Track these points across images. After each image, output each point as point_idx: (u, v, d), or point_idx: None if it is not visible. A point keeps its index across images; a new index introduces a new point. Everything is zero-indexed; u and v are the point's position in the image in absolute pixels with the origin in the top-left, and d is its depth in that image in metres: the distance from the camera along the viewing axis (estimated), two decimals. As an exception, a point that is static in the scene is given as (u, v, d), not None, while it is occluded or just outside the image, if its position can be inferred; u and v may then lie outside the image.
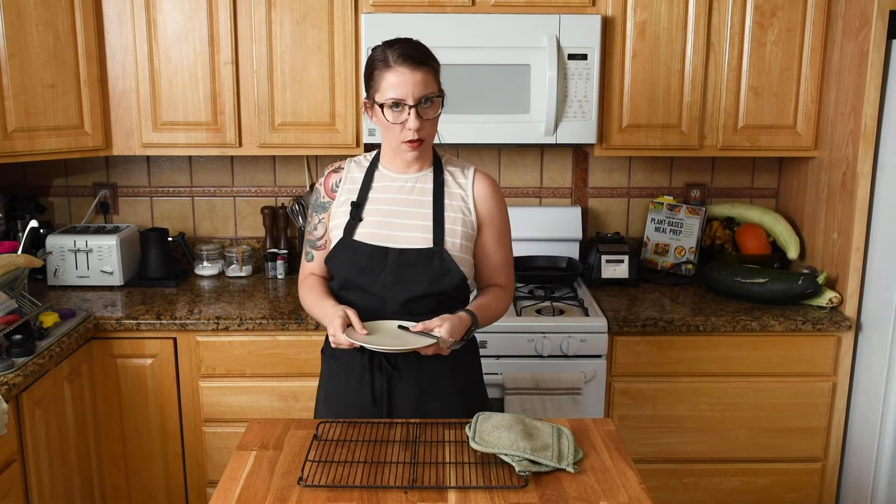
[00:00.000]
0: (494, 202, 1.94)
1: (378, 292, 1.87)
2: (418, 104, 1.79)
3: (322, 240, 1.98)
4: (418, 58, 1.79)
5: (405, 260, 1.86)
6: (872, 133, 2.58)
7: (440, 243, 1.87)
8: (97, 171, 3.21)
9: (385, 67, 1.79)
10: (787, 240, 3.03)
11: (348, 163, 1.98)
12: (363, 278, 1.88)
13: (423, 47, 1.84)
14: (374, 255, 1.86)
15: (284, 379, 2.69)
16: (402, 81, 1.78)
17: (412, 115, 1.79)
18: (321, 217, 1.97)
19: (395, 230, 1.88)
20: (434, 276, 1.87)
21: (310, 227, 2.01)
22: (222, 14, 2.74)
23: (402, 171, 1.92)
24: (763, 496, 2.82)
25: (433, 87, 1.81)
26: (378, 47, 1.84)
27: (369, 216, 1.89)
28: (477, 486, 1.56)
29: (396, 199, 1.90)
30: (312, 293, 1.95)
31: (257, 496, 1.54)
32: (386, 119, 1.81)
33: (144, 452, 2.73)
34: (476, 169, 1.96)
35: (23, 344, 2.25)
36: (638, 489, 1.57)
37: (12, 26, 2.55)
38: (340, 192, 1.94)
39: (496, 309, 1.96)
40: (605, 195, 3.26)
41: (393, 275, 1.86)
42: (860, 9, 2.58)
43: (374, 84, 1.83)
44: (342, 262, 1.90)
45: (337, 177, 1.97)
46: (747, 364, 2.70)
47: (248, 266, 3.12)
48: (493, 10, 2.74)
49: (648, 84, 2.80)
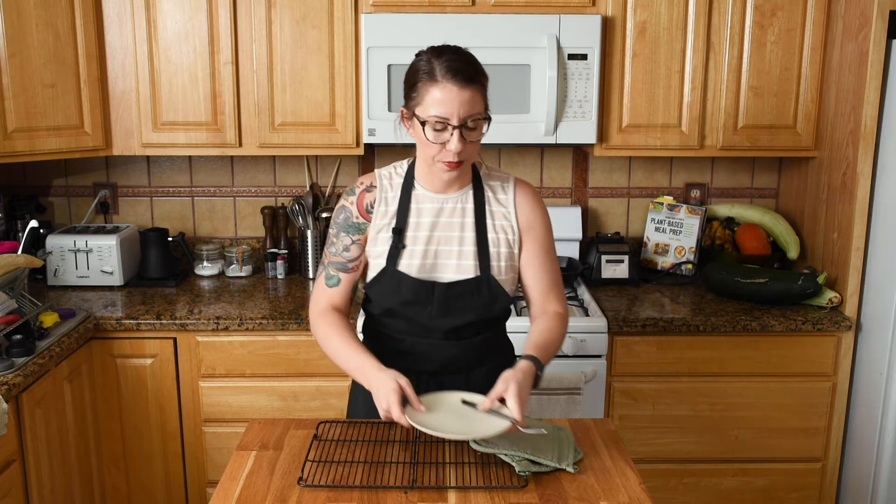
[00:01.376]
0: (535, 212, 1.83)
1: (424, 321, 1.79)
2: (463, 125, 1.64)
3: (356, 262, 1.82)
4: (468, 74, 1.64)
5: (453, 293, 1.77)
6: (872, 133, 2.58)
7: (486, 269, 1.78)
8: (97, 171, 3.21)
9: (430, 81, 1.64)
10: (787, 240, 3.03)
11: (379, 179, 1.83)
12: (408, 309, 1.79)
13: (472, 61, 1.68)
14: (421, 290, 1.76)
15: (284, 379, 2.69)
16: (447, 99, 1.63)
17: (455, 137, 1.64)
18: (355, 238, 1.81)
19: (440, 258, 1.78)
20: (483, 305, 1.79)
21: (337, 247, 1.82)
22: (222, 14, 2.74)
23: (440, 190, 1.79)
24: (763, 496, 2.82)
25: (480, 106, 1.67)
26: (424, 54, 1.70)
27: (412, 244, 1.78)
28: (477, 486, 1.56)
29: (437, 222, 1.79)
30: (342, 341, 1.75)
31: (257, 496, 1.54)
32: (425, 136, 1.67)
33: (144, 452, 2.73)
34: (516, 180, 1.85)
35: (23, 344, 2.25)
36: (638, 489, 1.57)
37: (12, 26, 2.55)
38: (376, 215, 1.80)
39: (558, 344, 1.79)
40: (605, 195, 3.26)
41: (440, 307, 1.77)
42: (860, 9, 2.58)
43: (416, 96, 1.68)
44: (386, 292, 1.79)
45: (371, 196, 1.81)
46: (747, 364, 2.70)
47: (248, 266, 3.12)
48: (493, 10, 2.74)
49: (648, 84, 2.80)
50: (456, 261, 1.78)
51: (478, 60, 1.70)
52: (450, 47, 1.70)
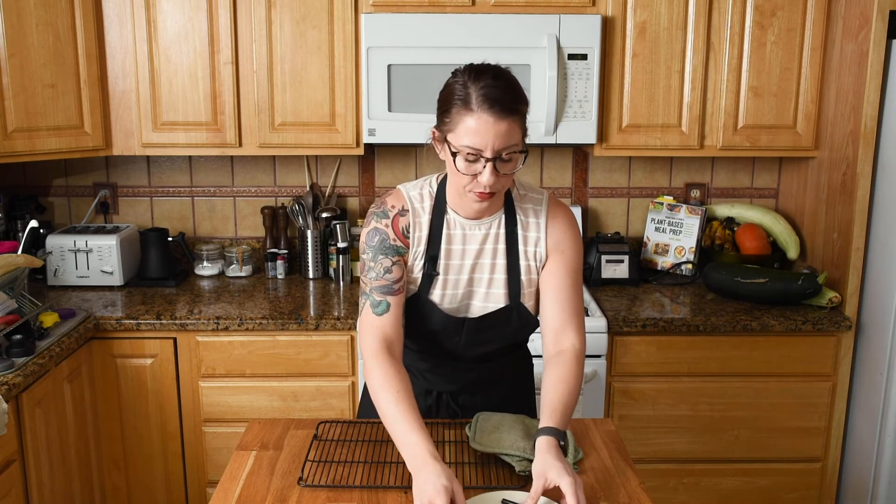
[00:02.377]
0: (566, 234, 1.74)
1: (450, 349, 1.78)
2: (496, 157, 1.54)
3: (400, 283, 1.70)
4: (506, 104, 1.52)
5: (483, 325, 1.75)
6: (872, 133, 2.58)
7: (516, 298, 1.73)
8: (97, 171, 3.21)
9: (465, 108, 1.53)
10: (787, 240, 3.03)
11: (410, 202, 1.73)
12: (436, 337, 1.77)
13: (513, 86, 1.56)
14: (450, 323, 1.74)
15: (284, 379, 2.69)
16: (482, 131, 1.51)
17: (488, 170, 1.54)
18: (395, 259, 1.70)
19: (472, 286, 1.73)
20: (511, 333, 1.77)
21: (377, 271, 1.69)
22: (222, 14, 2.74)
23: (471, 216, 1.71)
24: (763, 496, 2.82)
25: (517, 138, 1.55)
26: (461, 75, 1.57)
27: (444, 272, 1.72)
28: (477, 486, 1.56)
29: (469, 250, 1.72)
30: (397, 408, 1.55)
31: (257, 496, 1.54)
32: (457, 167, 1.57)
33: (144, 452, 2.73)
34: (550, 199, 1.76)
35: (23, 344, 2.25)
36: (638, 489, 1.57)
37: (12, 26, 2.55)
38: (413, 240, 1.72)
39: (576, 398, 1.66)
40: (605, 195, 3.26)
41: (468, 339, 1.76)
42: (860, 9, 2.58)
43: (448, 121, 1.57)
44: (414, 319, 1.76)
45: (405, 220, 1.72)
46: (747, 364, 2.70)
47: (248, 266, 3.12)
48: (493, 10, 2.74)
49: (648, 84, 2.80)
50: (486, 289, 1.74)
51: (519, 85, 1.58)
52: (490, 68, 1.58)
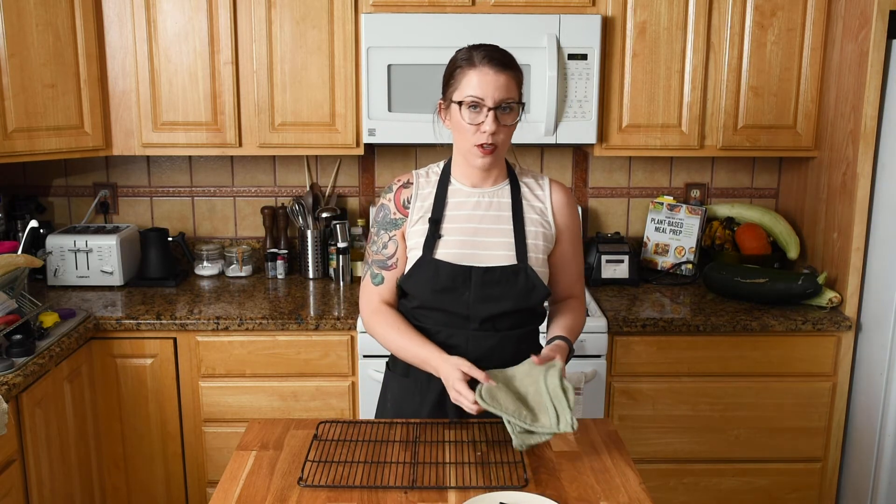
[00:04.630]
0: (571, 212, 1.91)
1: (461, 311, 1.81)
2: (497, 107, 1.72)
3: (394, 258, 1.87)
4: (504, 61, 1.75)
5: (490, 278, 1.80)
6: (872, 133, 2.58)
7: (524, 259, 1.82)
8: (97, 171, 3.21)
9: (468, 66, 1.74)
10: (787, 240, 3.03)
11: (416, 177, 1.89)
12: (445, 297, 1.81)
13: (509, 54, 1.79)
14: (458, 275, 1.79)
15: (284, 379, 2.69)
16: (484, 81, 1.72)
17: (489, 118, 1.72)
18: (392, 234, 1.86)
19: (478, 248, 1.82)
20: (520, 294, 1.82)
21: (376, 246, 1.88)
22: (222, 14, 2.74)
23: (477, 184, 1.85)
24: (763, 496, 2.82)
25: (514, 93, 1.75)
26: (463, 49, 1.80)
27: (449, 234, 1.82)
28: (477, 486, 1.56)
29: (474, 215, 1.84)
30: (401, 334, 1.82)
31: (257, 496, 1.54)
32: (462, 118, 1.74)
33: (144, 452, 2.73)
34: (551, 179, 1.92)
35: (23, 344, 2.25)
36: (638, 489, 1.57)
37: (12, 26, 2.56)
38: (413, 210, 1.85)
39: (581, 325, 1.93)
40: (605, 195, 3.26)
41: (478, 293, 1.80)
42: (860, 9, 2.58)
43: (453, 82, 1.77)
44: (422, 281, 1.81)
45: (408, 192, 1.87)
46: (747, 364, 2.70)
47: (248, 266, 3.12)
48: (493, 10, 2.74)
49: (648, 84, 2.80)
50: (493, 251, 1.82)
51: (513, 56, 1.79)
52: (488, 44, 1.79)
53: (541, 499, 1.50)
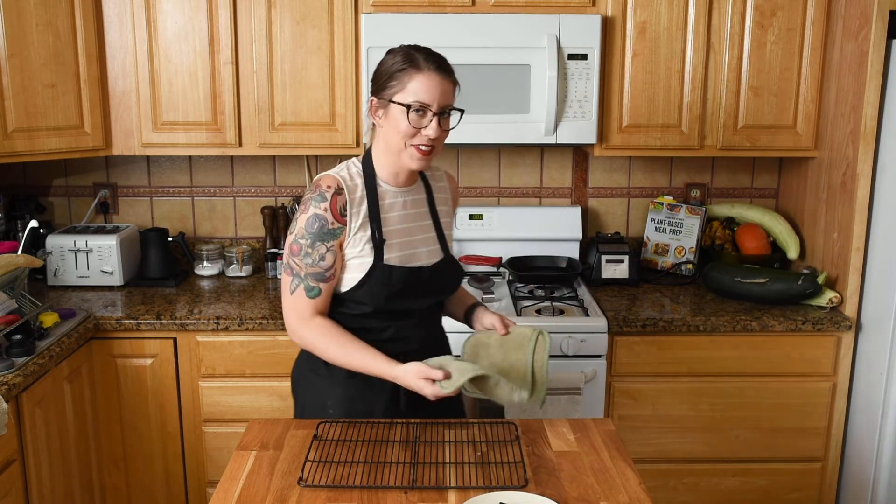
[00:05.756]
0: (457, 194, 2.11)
1: (408, 307, 1.88)
2: (441, 113, 1.77)
3: (332, 269, 1.81)
4: (447, 68, 1.79)
5: (433, 275, 1.90)
6: (872, 133, 2.58)
7: (447, 251, 1.96)
8: (97, 171, 3.21)
9: (414, 69, 1.75)
10: (787, 240, 3.03)
11: (342, 181, 1.82)
12: (397, 301, 1.85)
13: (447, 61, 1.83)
14: (409, 277, 1.85)
15: (284, 379, 2.67)
16: (430, 87, 1.74)
17: (433, 123, 1.76)
18: (330, 245, 1.80)
19: (414, 247, 1.89)
20: (455, 283, 1.99)
21: (311, 258, 1.80)
22: (222, 14, 2.74)
23: (401, 184, 1.89)
24: (763, 496, 2.82)
25: (453, 100, 1.82)
26: (400, 48, 1.80)
27: (391, 238, 1.85)
28: (477, 486, 1.56)
29: (404, 215, 1.89)
30: (343, 346, 1.81)
31: (257, 496, 1.54)
32: (406, 121, 1.75)
33: (144, 452, 2.73)
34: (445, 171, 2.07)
35: (23, 344, 2.25)
36: (638, 489, 1.57)
37: (12, 26, 2.56)
38: (351, 217, 1.81)
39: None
40: (605, 195, 3.26)
41: (426, 290, 1.89)
42: (860, 9, 2.58)
43: (395, 84, 1.76)
44: (377, 288, 1.82)
45: (342, 199, 1.80)
46: (747, 364, 2.70)
47: (248, 266, 3.12)
48: (493, 10, 2.74)
49: (648, 84, 2.80)
50: (424, 248, 1.91)
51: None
52: (422, 46, 1.82)
53: (541, 499, 1.50)
